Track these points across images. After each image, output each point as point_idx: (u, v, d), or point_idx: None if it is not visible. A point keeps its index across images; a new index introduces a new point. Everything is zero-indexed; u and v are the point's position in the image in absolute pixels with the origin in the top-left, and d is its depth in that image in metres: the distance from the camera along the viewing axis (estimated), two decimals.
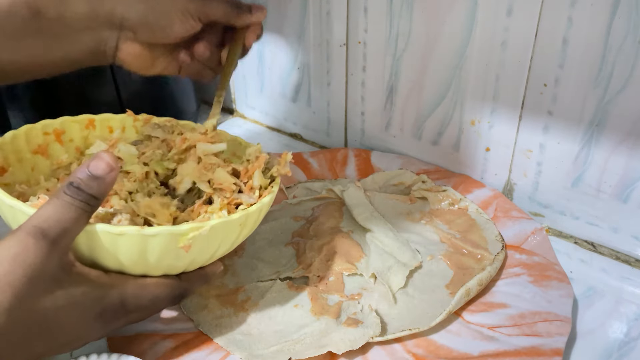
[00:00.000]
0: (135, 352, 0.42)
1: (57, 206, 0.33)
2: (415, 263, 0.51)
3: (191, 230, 0.36)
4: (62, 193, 0.33)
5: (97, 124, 0.47)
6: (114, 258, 0.35)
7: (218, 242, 0.39)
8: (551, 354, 0.41)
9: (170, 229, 0.35)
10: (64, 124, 0.45)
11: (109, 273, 0.36)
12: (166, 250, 0.36)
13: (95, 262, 0.36)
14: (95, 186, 0.34)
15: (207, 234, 0.36)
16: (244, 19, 0.48)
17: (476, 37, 0.56)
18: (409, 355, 0.42)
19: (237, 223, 0.39)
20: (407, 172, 0.64)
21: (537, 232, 0.54)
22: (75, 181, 0.33)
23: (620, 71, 0.48)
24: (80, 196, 0.33)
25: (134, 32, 0.45)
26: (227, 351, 0.43)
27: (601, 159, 0.52)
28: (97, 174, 0.34)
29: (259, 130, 0.82)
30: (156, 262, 0.37)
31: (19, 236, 0.31)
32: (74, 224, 0.33)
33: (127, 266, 0.36)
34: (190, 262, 0.39)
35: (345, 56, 0.68)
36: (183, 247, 0.36)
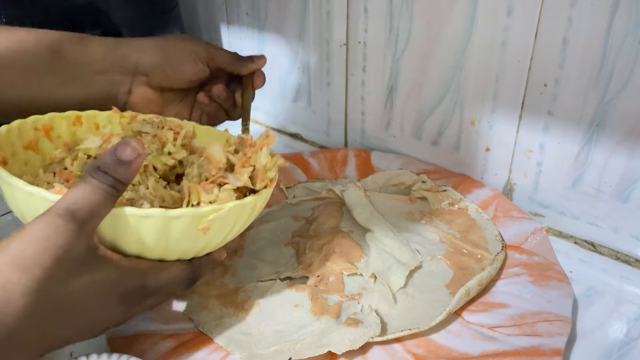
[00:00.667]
0: (135, 352, 0.42)
1: (86, 190, 0.33)
2: (416, 263, 0.51)
3: (212, 211, 0.37)
4: (89, 177, 0.34)
5: (84, 120, 0.47)
6: (136, 241, 0.36)
7: (232, 225, 0.40)
8: (551, 354, 0.41)
9: (193, 210, 0.36)
10: (53, 119, 0.45)
11: (129, 257, 0.37)
12: (187, 232, 0.37)
13: (115, 246, 0.36)
14: (121, 171, 0.35)
15: (224, 216, 0.38)
16: (247, 67, 0.53)
17: (476, 37, 0.56)
18: (409, 355, 0.42)
19: (249, 206, 0.40)
20: (407, 172, 0.64)
21: (537, 232, 0.54)
22: (102, 165, 0.34)
23: (620, 71, 0.48)
24: (108, 180, 0.34)
25: (147, 76, 0.49)
26: (227, 351, 0.43)
27: (601, 159, 0.52)
28: (123, 158, 0.35)
29: (259, 130, 0.82)
30: (175, 245, 0.37)
31: (48, 218, 0.32)
32: (102, 207, 0.34)
33: (147, 249, 0.37)
34: (204, 245, 0.40)
35: (345, 56, 0.68)
36: (203, 228, 0.37)
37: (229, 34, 0.80)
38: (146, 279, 0.37)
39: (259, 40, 0.76)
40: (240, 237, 0.55)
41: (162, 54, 0.49)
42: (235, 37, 0.80)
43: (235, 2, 0.76)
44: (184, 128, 0.49)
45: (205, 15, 0.82)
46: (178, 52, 0.50)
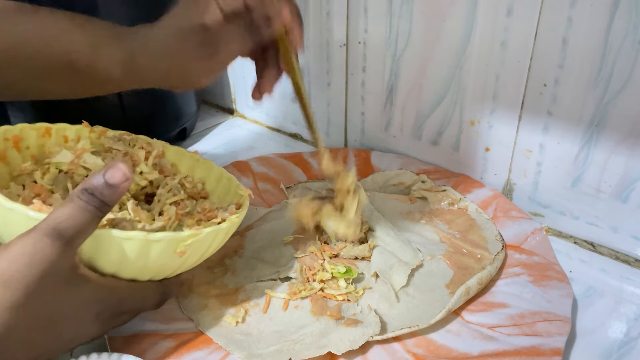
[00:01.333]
0: (135, 352, 0.42)
1: (73, 209, 0.34)
2: (417, 262, 0.51)
3: (190, 236, 0.38)
4: (77, 198, 0.34)
5: (53, 132, 0.47)
6: (114, 261, 0.37)
7: (206, 248, 0.41)
8: (551, 353, 0.41)
9: (173, 234, 0.37)
10: (23, 130, 0.45)
11: (105, 276, 0.37)
12: (164, 255, 0.38)
13: (93, 265, 0.37)
14: (109, 193, 0.35)
15: (200, 240, 0.39)
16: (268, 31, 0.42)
17: (476, 37, 0.56)
18: (409, 355, 0.43)
19: (224, 231, 0.41)
20: (407, 172, 0.64)
21: (537, 232, 0.54)
22: (89, 187, 0.35)
23: (620, 71, 0.48)
24: (94, 202, 0.34)
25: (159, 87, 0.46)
26: (227, 351, 0.43)
27: (601, 159, 0.52)
28: (112, 182, 0.35)
29: (259, 130, 0.82)
30: (151, 266, 0.38)
31: (35, 236, 0.32)
32: (87, 227, 0.34)
33: (124, 269, 0.38)
34: (178, 267, 0.40)
35: (345, 56, 0.68)
36: (179, 252, 0.38)
37: None
38: (121, 298, 0.38)
39: None
40: (240, 237, 0.56)
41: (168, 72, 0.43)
42: None
43: None
44: (154, 147, 0.50)
45: None
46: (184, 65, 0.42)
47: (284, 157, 0.69)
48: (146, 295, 0.40)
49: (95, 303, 0.36)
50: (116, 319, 0.38)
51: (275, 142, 0.79)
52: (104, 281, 0.37)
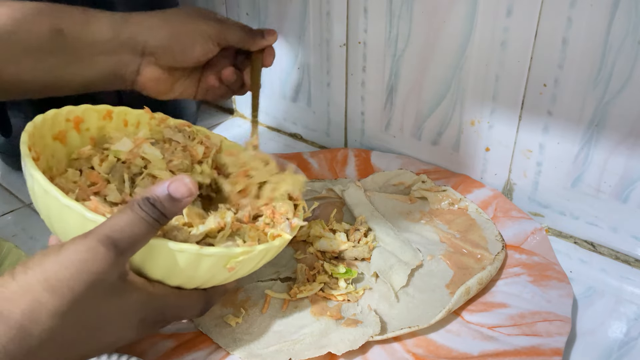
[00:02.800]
0: (135, 352, 0.42)
1: (131, 219, 0.33)
2: (417, 262, 0.51)
3: (242, 253, 0.37)
4: (137, 207, 0.34)
5: (114, 115, 0.46)
6: (163, 270, 0.36)
7: (255, 264, 0.40)
8: (551, 353, 0.41)
9: (226, 251, 0.37)
10: (85, 112, 0.44)
11: (152, 282, 0.37)
12: (214, 268, 0.37)
13: (141, 271, 0.36)
14: (170, 207, 0.35)
15: (251, 257, 0.38)
16: (259, 43, 0.51)
17: (476, 37, 0.56)
18: (409, 355, 0.43)
19: (275, 249, 0.41)
20: (407, 172, 0.64)
21: (537, 232, 0.54)
22: (152, 198, 0.34)
23: (620, 71, 0.48)
24: (154, 214, 0.34)
25: (155, 56, 0.48)
26: (227, 351, 0.43)
27: (601, 159, 0.52)
28: (176, 196, 0.35)
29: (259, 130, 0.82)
30: (199, 277, 0.38)
31: (89, 243, 0.32)
32: (143, 239, 0.34)
33: (171, 278, 0.37)
34: (225, 279, 0.40)
35: (345, 56, 0.68)
36: (229, 267, 0.37)
37: None
38: (166, 305, 0.37)
39: None
40: None
41: (172, 35, 0.47)
42: None
43: (235, 2, 0.77)
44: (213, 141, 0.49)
45: None
46: (189, 32, 0.48)
47: (284, 157, 0.69)
48: (191, 303, 0.39)
49: (140, 309, 0.36)
50: (158, 324, 0.38)
51: (275, 142, 0.79)
52: (151, 288, 0.36)
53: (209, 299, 0.40)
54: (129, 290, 0.35)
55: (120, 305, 0.34)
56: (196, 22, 0.48)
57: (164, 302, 0.37)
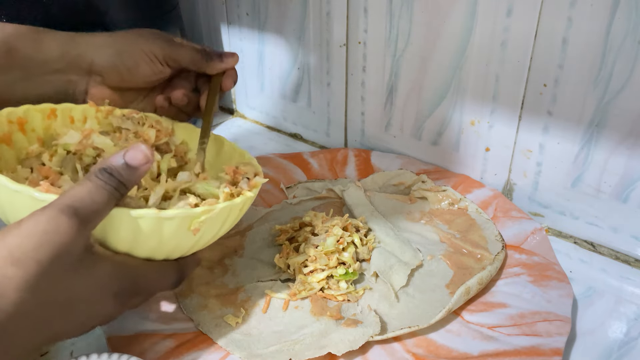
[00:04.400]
0: (135, 352, 0.42)
1: (90, 188, 0.33)
2: (417, 262, 0.51)
3: (203, 212, 0.37)
4: (94, 177, 0.34)
5: (59, 113, 0.46)
6: (127, 240, 0.36)
7: (220, 225, 0.40)
8: (551, 353, 0.41)
9: (186, 211, 0.36)
10: (27, 112, 0.44)
11: (120, 254, 0.37)
12: (177, 233, 0.37)
13: (105, 243, 0.36)
14: (128, 175, 0.35)
15: (214, 217, 0.38)
16: (215, 66, 0.49)
17: (476, 37, 0.56)
18: (409, 355, 0.43)
19: (238, 207, 0.40)
20: (407, 172, 0.64)
21: (537, 232, 0.54)
22: (108, 167, 0.34)
23: (620, 71, 0.48)
24: (113, 182, 0.34)
25: (102, 76, 0.47)
26: (226, 351, 0.43)
27: (601, 159, 0.52)
28: (132, 163, 0.35)
29: (259, 130, 0.82)
30: (165, 244, 0.38)
31: (50, 212, 0.31)
32: (104, 207, 0.34)
33: (137, 248, 0.37)
34: (192, 244, 0.40)
35: (345, 56, 0.68)
36: (193, 229, 0.37)
37: (229, 34, 0.80)
38: (137, 277, 0.37)
39: (259, 40, 0.76)
40: (240, 237, 0.56)
41: (117, 54, 0.47)
42: (235, 37, 0.80)
43: (235, 2, 0.77)
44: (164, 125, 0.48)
45: (205, 16, 0.82)
46: (133, 52, 0.47)
47: (284, 157, 0.69)
48: (163, 274, 0.39)
49: (112, 282, 0.35)
50: (133, 299, 0.38)
51: (275, 142, 0.79)
52: (120, 259, 0.36)
53: (181, 269, 0.40)
54: (97, 263, 0.34)
55: (89, 279, 0.34)
56: (143, 43, 0.47)
57: (134, 273, 0.37)
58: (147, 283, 0.38)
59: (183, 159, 0.49)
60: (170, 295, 0.48)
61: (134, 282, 0.37)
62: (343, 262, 0.50)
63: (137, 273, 0.37)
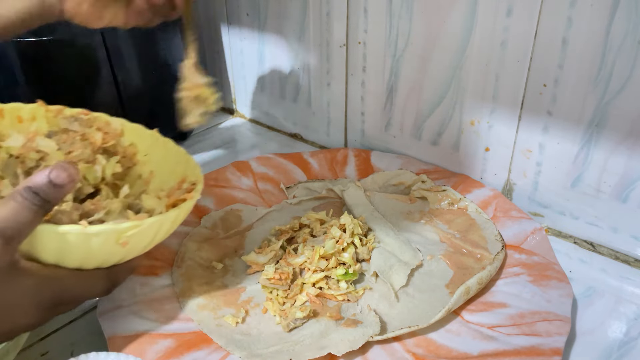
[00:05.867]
0: (135, 352, 0.42)
1: (14, 208, 0.33)
2: (417, 262, 0.51)
3: (131, 228, 0.37)
4: (19, 196, 0.34)
5: (7, 113, 0.46)
6: (55, 253, 0.36)
7: (151, 237, 0.40)
8: (551, 353, 0.41)
9: (113, 227, 0.36)
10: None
11: (47, 266, 0.37)
12: (106, 246, 0.37)
13: (33, 256, 0.36)
14: (53, 193, 0.35)
15: (143, 230, 0.38)
16: None
17: (476, 37, 0.56)
18: (409, 355, 0.43)
19: (169, 220, 0.40)
20: (407, 172, 0.64)
21: (537, 232, 0.54)
22: (33, 186, 0.34)
23: (620, 71, 0.48)
24: (38, 201, 0.34)
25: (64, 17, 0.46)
26: (227, 351, 0.43)
27: (600, 159, 0.52)
28: (57, 182, 0.35)
29: (259, 130, 0.82)
30: (94, 257, 0.38)
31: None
32: (29, 226, 0.34)
33: (65, 260, 0.37)
34: (123, 256, 0.40)
35: (345, 56, 0.68)
36: (122, 243, 0.37)
37: (229, 34, 0.80)
38: (64, 287, 0.37)
39: (259, 40, 0.76)
40: (240, 237, 0.56)
41: None
42: (235, 37, 0.80)
43: (235, 2, 0.77)
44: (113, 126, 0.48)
45: (205, 16, 0.83)
46: None
47: (284, 157, 0.69)
48: (93, 283, 0.39)
49: (35, 294, 0.36)
50: (59, 307, 0.38)
51: (275, 142, 0.79)
52: (46, 271, 0.36)
53: (113, 276, 0.40)
54: (19, 276, 0.35)
55: (12, 291, 0.34)
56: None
57: (61, 284, 0.37)
58: (74, 292, 0.38)
59: (131, 161, 0.49)
60: (170, 295, 0.48)
61: (59, 293, 0.37)
62: (343, 262, 0.50)
63: (63, 284, 0.37)
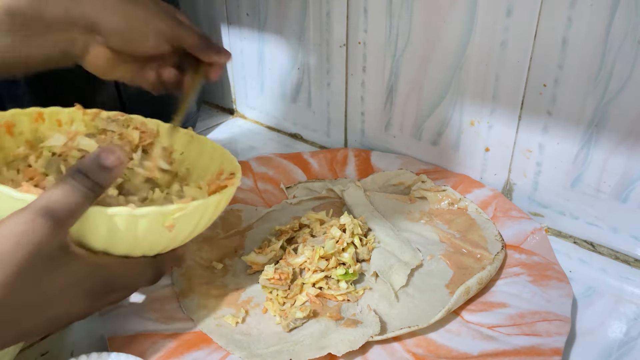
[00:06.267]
0: (135, 352, 0.42)
1: (65, 190, 0.34)
2: (417, 262, 0.51)
3: (177, 210, 0.37)
4: (70, 178, 0.34)
5: (46, 117, 0.47)
6: (103, 238, 0.37)
7: (196, 222, 0.40)
8: (550, 353, 0.41)
9: (160, 208, 0.37)
10: (15, 116, 0.45)
11: (96, 253, 0.37)
12: (152, 229, 0.37)
13: (82, 242, 0.37)
14: (102, 175, 0.35)
15: (189, 214, 0.38)
16: (211, 56, 0.50)
17: (476, 37, 0.56)
18: (409, 355, 0.43)
19: (213, 204, 0.41)
20: (407, 172, 0.64)
21: (537, 232, 0.54)
22: (83, 168, 0.35)
23: (620, 71, 0.48)
24: (87, 183, 0.35)
25: (106, 38, 0.47)
26: (227, 351, 0.43)
27: (600, 159, 0.52)
28: (106, 164, 0.35)
29: (259, 130, 0.82)
30: (141, 241, 0.38)
31: (27, 215, 0.32)
32: (79, 208, 0.34)
33: (114, 245, 0.37)
34: (169, 241, 0.40)
35: (345, 56, 0.68)
36: (168, 226, 0.38)
37: (229, 34, 0.80)
38: (112, 275, 0.37)
39: (259, 40, 0.76)
40: (240, 237, 0.56)
41: (127, 22, 0.46)
42: (235, 37, 0.80)
43: (235, 2, 0.77)
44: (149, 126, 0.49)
45: (205, 16, 0.83)
46: (144, 26, 0.47)
47: (284, 157, 0.69)
48: (140, 271, 0.39)
49: (85, 281, 0.36)
50: (108, 296, 0.38)
51: (275, 142, 0.79)
52: (95, 258, 0.37)
53: (158, 266, 0.41)
54: (71, 262, 0.35)
55: (62, 277, 0.34)
56: (154, 18, 0.47)
57: (110, 271, 0.37)
58: (122, 280, 0.38)
59: (168, 160, 0.50)
60: (170, 295, 0.48)
61: (109, 281, 0.37)
62: (343, 263, 0.50)
63: (112, 271, 0.37)
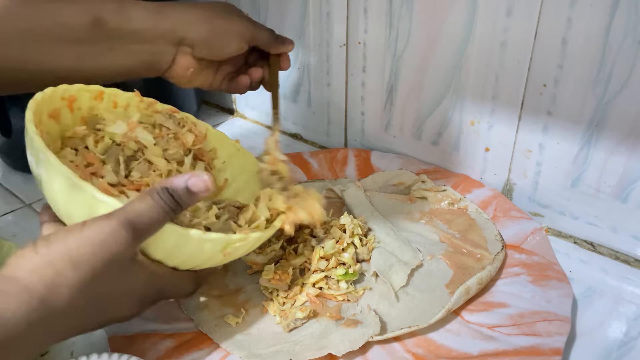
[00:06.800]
0: (135, 352, 0.42)
1: (150, 206, 0.36)
2: (417, 262, 0.51)
3: (240, 240, 0.40)
4: (156, 194, 0.36)
5: (105, 97, 0.47)
6: (165, 250, 0.38)
7: (247, 250, 0.43)
8: (550, 353, 0.41)
9: (225, 237, 0.39)
10: (79, 91, 0.45)
11: (153, 262, 0.39)
12: (211, 252, 0.39)
13: (144, 251, 0.38)
14: (186, 198, 0.38)
15: (246, 244, 0.41)
16: (281, 48, 0.55)
17: (476, 37, 0.56)
18: (409, 354, 0.43)
19: (266, 236, 0.43)
20: (407, 172, 0.64)
21: (537, 232, 0.54)
22: (171, 188, 0.37)
23: (620, 71, 0.48)
24: (171, 203, 0.37)
25: (193, 48, 0.50)
26: (227, 351, 0.43)
27: (600, 159, 0.52)
28: (193, 190, 0.38)
29: (259, 130, 0.82)
30: (195, 259, 0.40)
31: (112, 224, 0.34)
32: (158, 225, 0.36)
33: (171, 259, 0.39)
34: (217, 263, 0.42)
35: (345, 56, 0.68)
36: (225, 252, 0.40)
37: None
38: (164, 283, 0.39)
39: None
40: None
41: (211, 30, 0.50)
42: None
43: (235, 2, 0.77)
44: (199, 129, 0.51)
45: None
46: (228, 30, 0.51)
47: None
48: (184, 283, 0.41)
49: (141, 287, 0.38)
50: (154, 303, 0.40)
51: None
52: (153, 267, 0.38)
53: (198, 279, 0.42)
54: (137, 270, 0.37)
55: (126, 282, 0.36)
56: (234, 21, 0.51)
57: (162, 281, 0.39)
58: (169, 290, 0.40)
59: (210, 166, 0.52)
60: None
61: (160, 289, 0.39)
62: (343, 263, 0.50)
63: (164, 281, 0.39)
